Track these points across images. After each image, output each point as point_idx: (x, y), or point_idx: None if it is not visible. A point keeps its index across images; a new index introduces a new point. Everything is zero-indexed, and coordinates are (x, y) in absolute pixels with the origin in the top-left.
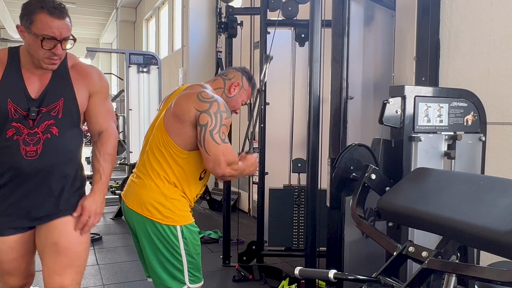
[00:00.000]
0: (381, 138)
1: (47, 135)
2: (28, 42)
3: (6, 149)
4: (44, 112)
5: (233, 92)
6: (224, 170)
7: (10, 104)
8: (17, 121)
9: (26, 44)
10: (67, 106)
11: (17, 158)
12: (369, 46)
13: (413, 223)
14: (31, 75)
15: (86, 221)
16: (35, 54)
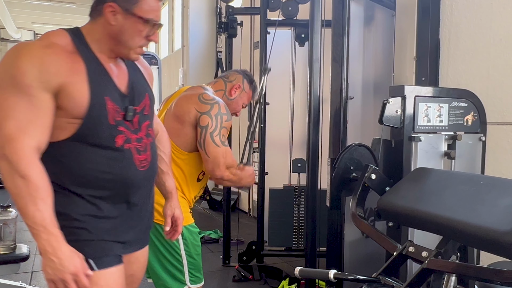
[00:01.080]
0: (381, 138)
1: (150, 139)
2: (122, 26)
3: (116, 161)
4: (139, 111)
5: (234, 94)
6: (223, 173)
7: (109, 103)
8: (121, 124)
9: (116, 28)
10: (151, 103)
11: (132, 170)
12: (369, 46)
13: (413, 223)
14: (109, 66)
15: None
16: (129, 41)
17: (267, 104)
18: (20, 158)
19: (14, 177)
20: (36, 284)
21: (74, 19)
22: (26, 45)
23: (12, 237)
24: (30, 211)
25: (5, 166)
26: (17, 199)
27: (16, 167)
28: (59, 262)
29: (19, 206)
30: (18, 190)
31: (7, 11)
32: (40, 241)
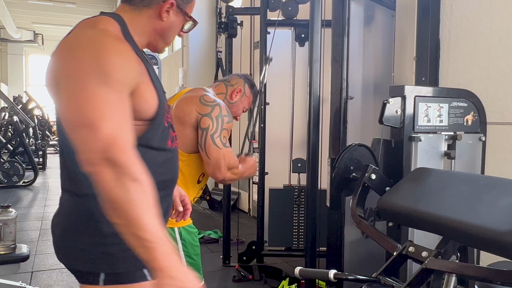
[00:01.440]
0: (381, 138)
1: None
2: (172, 22)
3: (170, 162)
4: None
5: (235, 98)
6: (224, 175)
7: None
8: (168, 124)
9: (166, 25)
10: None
11: (177, 170)
12: (369, 46)
13: (413, 223)
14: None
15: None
16: (170, 37)
17: (267, 104)
18: (129, 159)
19: (124, 182)
20: (36, 284)
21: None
22: (106, 35)
23: (12, 237)
24: (146, 220)
25: (109, 172)
26: (128, 208)
27: (127, 171)
28: (180, 280)
29: (132, 216)
30: (131, 197)
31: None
32: (157, 256)
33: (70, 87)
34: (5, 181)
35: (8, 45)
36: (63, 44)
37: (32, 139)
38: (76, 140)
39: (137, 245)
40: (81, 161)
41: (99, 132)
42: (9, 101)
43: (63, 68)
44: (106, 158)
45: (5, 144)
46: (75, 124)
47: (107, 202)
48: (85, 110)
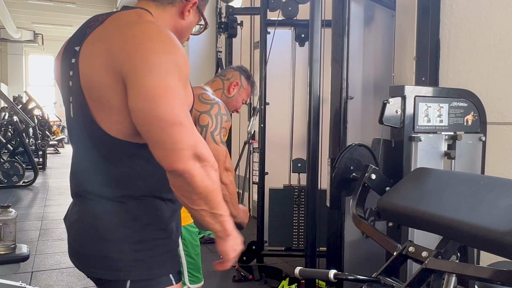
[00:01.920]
0: (381, 138)
1: None
2: (191, 22)
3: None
4: None
5: (233, 92)
6: (221, 172)
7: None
8: None
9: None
10: None
11: None
12: (369, 46)
13: (413, 223)
14: None
15: None
16: (186, 36)
17: (267, 104)
18: (209, 153)
19: (211, 173)
20: (36, 284)
21: (74, 19)
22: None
23: (12, 237)
24: (222, 202)
25: (199, 166)
26: (214, 195)
27: (210, 163)
28: (238, 239)
29: (217, 201)
30: (216, 185)
31: (7, 11)
32: (229, 226)
33: (155, 83)
34: (5, 181)
35: (8, 45)
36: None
37: (32, 139)
38: (165, 138)
39: (215, 221)
40: (168, 158)
41: (188, 130)
42: (9, 101)
43: (139, 62)
44: (195, 154)
45: (5, 144)
46: (167, 122)
47: (196, 194)
48: (177, 108)
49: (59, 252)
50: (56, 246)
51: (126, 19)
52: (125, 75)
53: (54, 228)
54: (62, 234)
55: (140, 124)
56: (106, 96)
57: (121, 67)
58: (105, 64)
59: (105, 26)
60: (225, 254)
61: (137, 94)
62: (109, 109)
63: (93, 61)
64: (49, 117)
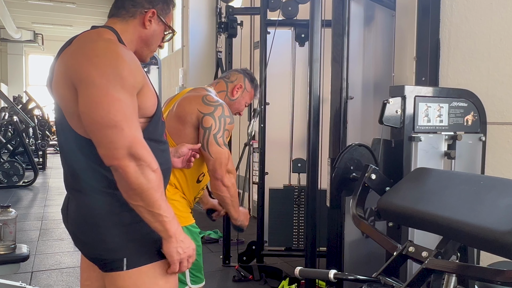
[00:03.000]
0: (381, 138)
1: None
2: (154, 31)
3: (165, 152)
4: None
5: (236, 94)
6: (223, 174)
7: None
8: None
9: (149, 33)
10: None
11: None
12: (369, 46)
13: (413, 223)
14: None
15: None
16: (153, 45)
17: (267, 104)
18: (148, 153)
19: (147, 173)
20: (36, 284)
21: (74, 19)
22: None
23: (12, 237)
24: (161, 201)
25: (133, 165)
26: (150, 193)
27: (147, 163)
28: (186, 242)
29: (153, 199)
30: (151, 184)
31: (7, 11)
32: (171, 227)
33: (95, 92)
34: (5, 181)
35: (8, 45)
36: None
37: (32, 139)
38: (101, 138)
39: (154, 220)
40: (107, 156)
41: (124, 132)
42: (9, 101)
43: (85, 75)
44: (130, 154)
45: (5, 144)
46: (102, 125)
47: (131, 189)
48: (111, 113)
49: (59, 252)
50: (56, 246)
51: (86, 38)
52: (76, 87)
53: (54, 228)
54: (62, 234)
55: (85, 126)
56: (69, 105)
57: (73, 81)
58: (64, 79)
59: (71, 46)
60: (168, 255)
61: (81, 101)
62: (73, 115)
63: (58, 78)
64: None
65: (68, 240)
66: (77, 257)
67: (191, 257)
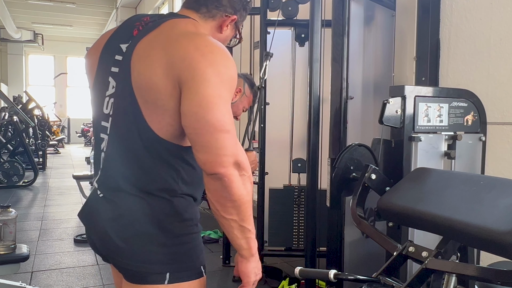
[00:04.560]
0: (381, 138)
1: None
2: (227, 36)
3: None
4: None
5: (234, 98)
6: None
7: None
8: None
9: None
10: None
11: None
12: (369, 46)
13: (413, 223)
14: None
15: None
16: None
17: (267, 104)
18: (248, 164)
19: (247, 184)
20: (36, 284)
21: (74, 19)
22: (224, 47)
23: (12, 237)
24: (251, 217)
25: (237, 174)
26: (247, 207)
27: (248, 174)
28: (259, 264)
29: (248, 213)
30: (249, 197)
31: (7, 11)
32: (254, 245)
33: (211, 92)
34: (5, 181)
35: (8, 45)
36: (188, 45)
37: (32, 139)
38: (211, 143)
39: (242, 236)
40: (212, 162)
41: (233, 138)
42: (9, 101)
43: (201, 72)
44: (236, 162)
45: (5, 144)
46: (216, 128)
47: (230, 201)
48: (226, 116)
49: (59, 252)
50: (56, 246)
51: (183, 28)
52: (183, 82)
53: (54, 228)
54: (62, 234)
55: (190, 128)
56: (163, 99)
57: (180, 74)
58: (166, 70)
59: (161, 32)
60: (246, 276)
61: (193, 99)
62: (163, 112)
63: (152, 65)
64: (49, 117)
65: (68, 240)
66: (77, 257)
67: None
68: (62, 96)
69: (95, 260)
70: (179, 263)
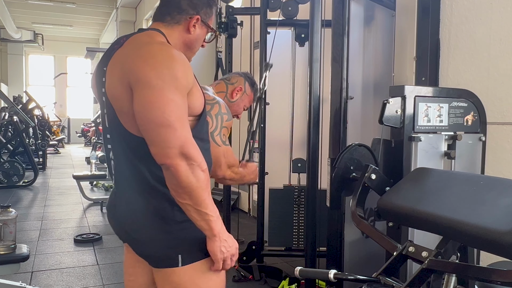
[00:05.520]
0: (381, 138)
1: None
2: (198, 35)
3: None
4: None
5: (235, 97)
6: (224, 172)
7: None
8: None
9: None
10: None
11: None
12: (369, 46)
13: (413, 223)
14: None
15: None
16: (196, 48)
17: (267, 104)
18: (198, 153)
19: (196, 172)
20: (36, 284)
21: (74, 19)
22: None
23: (12, 237)
24: (208, 201)
25: (184, 164)
26: (198, 192)
27: (198, 163)
28: (229, 242)
29: (201, 198)
30: (200, 183)
31: (7, 11)
32: (215, 226)
33: (151, 92)
34: (5, 181)
35: (8, 45)
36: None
37: (32, 139)
38: (155, 137)
39: (200, 219)
40: (159, 154)
41: (177, 132)
42: (9, 101)
43: (142, 75)
44: (182, 153)
45: (5, 144)
46: (156, 124)
47: (180, 188)
48: (166, 113)
49: (59, 252)
50: (56, 246)
51: (139, 40)
52: (132, 88)
53: (54, 228)
54: (62, 234)
55: (139, 125)
56: (125, 106)
57: (130, 81)
58: (120, 79)
59: (123, 48)
60: (212, 254)
61: (137, 100)
62: (129, 115)
63: (113, 78)
64: (49, 117)
65: (68, 240)
66: (77, 257)
67: (234, 256)
68: (62, 96)
69: (95, 260)
70: (187, 245)
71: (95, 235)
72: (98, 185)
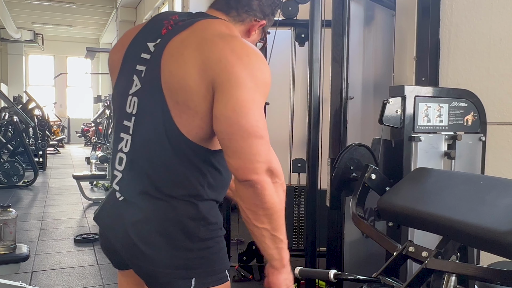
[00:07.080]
0: (381, 138)
1: None
2: (254, 39)
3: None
4: None
5: None
6: None
7: None
8: None
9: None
10: None
11: None
12: (369, 46)
13: (413, 223)
14: None
15: None
16: None
17: (267, 104)
18: (281, 172)
19: (280, 191)
20: (36, 284)
21: (74, 19)
22: (257, 49)
23: (12, 237)
24: (283, 226)
25: (269, 182)
26: (279, 215)
27: (281, 182)
28: (291, 275)
29: (280, 222)
30: (282, 206)
31: (7, 11)
32: (286, 256)
33: (245, 96)
34: (5, 181)
35: (8, 45)
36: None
37: (32, 139)
38: (244, 148)
39: (273, 246)
40: (245, 169)
41: (266, 145)
42: (9, 101)
43: (236, 75)
44: (269, 169)
45: (5, 144)
46: (250, 134)
47: (262, 209)
48: (260, 122)
49: (59, 252)
50: (56, 246)
51: (217, 29)
52: (218, 84)
53: (54, 228)
54: (62, 234)
55: (223, 132)
56: (195, 101)
57: (215, 76)
58: (200, 71)
59: (194, 31)
60: (275, 286)
61: (227, 103)
62: (194, 114)
63: (185, 65)
64: (49, 117)
65: (68, 240)
66: (77, 257)
67: None
68: (62, 96)
69: (95, 260)
70: (205, 268)
71: (95, 235)
72: (98, 185)
